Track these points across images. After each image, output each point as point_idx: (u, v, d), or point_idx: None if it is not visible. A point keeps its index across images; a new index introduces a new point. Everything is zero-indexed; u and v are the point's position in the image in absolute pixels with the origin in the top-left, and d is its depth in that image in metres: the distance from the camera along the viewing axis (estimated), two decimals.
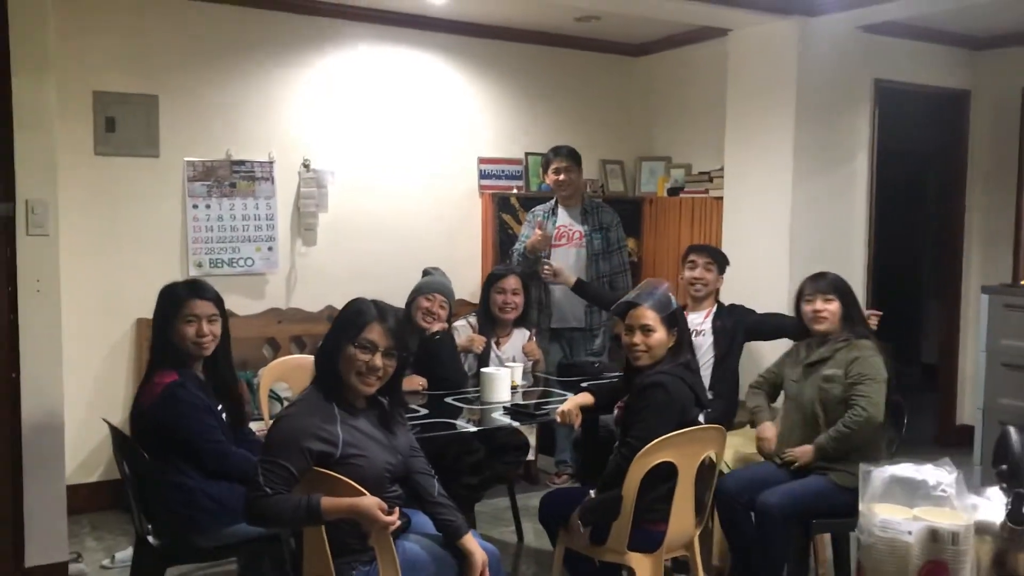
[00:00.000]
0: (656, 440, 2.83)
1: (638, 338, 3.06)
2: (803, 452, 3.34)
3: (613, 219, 5.05)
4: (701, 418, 3.05)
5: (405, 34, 5.38)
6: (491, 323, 4.33)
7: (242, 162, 4.91)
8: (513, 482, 4.45)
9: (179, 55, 4.76)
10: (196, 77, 4.80)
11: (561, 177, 4.97)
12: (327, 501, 2.38)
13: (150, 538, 3.00)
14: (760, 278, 5.11)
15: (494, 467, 3.99)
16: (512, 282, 4.33)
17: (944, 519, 1.33)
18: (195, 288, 3.10)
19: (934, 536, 1.31)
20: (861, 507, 1.39)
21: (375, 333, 2.58)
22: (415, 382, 3.87)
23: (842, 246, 5.28)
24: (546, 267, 4.68)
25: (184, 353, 3.02)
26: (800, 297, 3.55)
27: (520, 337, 4.39)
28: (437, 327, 3.99)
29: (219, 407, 3.06)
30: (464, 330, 4.33)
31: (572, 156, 5.02)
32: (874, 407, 3.23)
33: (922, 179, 6.64)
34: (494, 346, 4.30)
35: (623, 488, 2.87)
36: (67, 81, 4.35)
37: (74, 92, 4.45)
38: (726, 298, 5.20)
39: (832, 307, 3.43)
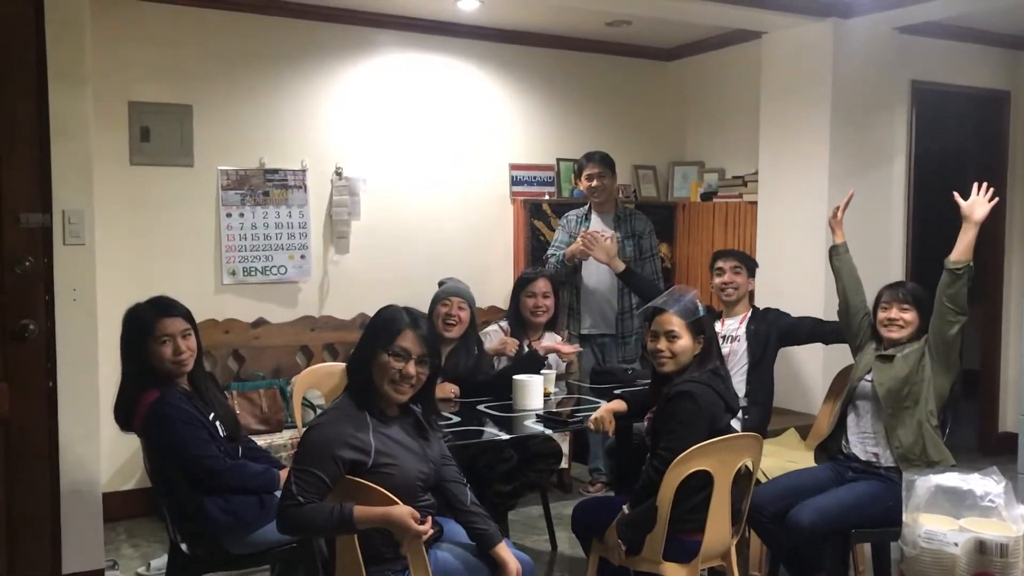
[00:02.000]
0: (690, 449, 2.79)
1: (663, 344, 3.03)
2: None
3: (646, 227, 5.01)
4: (736, 425, 3.00)
5: (436, 41, 5.39)
6: (522, 326, 4.32)
7: (275, 171, 4.94)
8: (546, 490, 4.42)
9: (212, 65, 4.80)
10: (229, 87, 4.84)
11: (594, 183, 4.94)
12: (359, 510, 2.37)
13: (183, 546, 3.01)
14: (795, 283, 5.05)
15: (526, 475, 3.97)
16: (542, 285, 4.31)
17: (992, 530, 1.29)
18: (162, 307, 3.02)
19: (981, 547, 1.27)
20: (905, 517, 1.34)
21: (408, 340, 2.57)
22: (447, 389, 3.86)
23: (879, 250, 5.20)
24: (598, 239, 4.62)
25: (163, 373, 2.97)
26: (877, 303, 3.50)
27: (551, 340, 4.37)
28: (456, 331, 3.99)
29: (211, 416, 3.03)
30: (496, 334, 4.32)
31: (605, 162, 4.99)
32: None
33: (961, 182, 6.50)
34: (527, 348, 4.28)
35: (658, 497, 2.83)
36: (103, 91, 4.40)
37: (110, 102, 4.50)
38: (761, 303, 5.14)
39: (908, 316, 3.38)
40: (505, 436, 3.31)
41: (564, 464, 4.95)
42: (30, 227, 3.47)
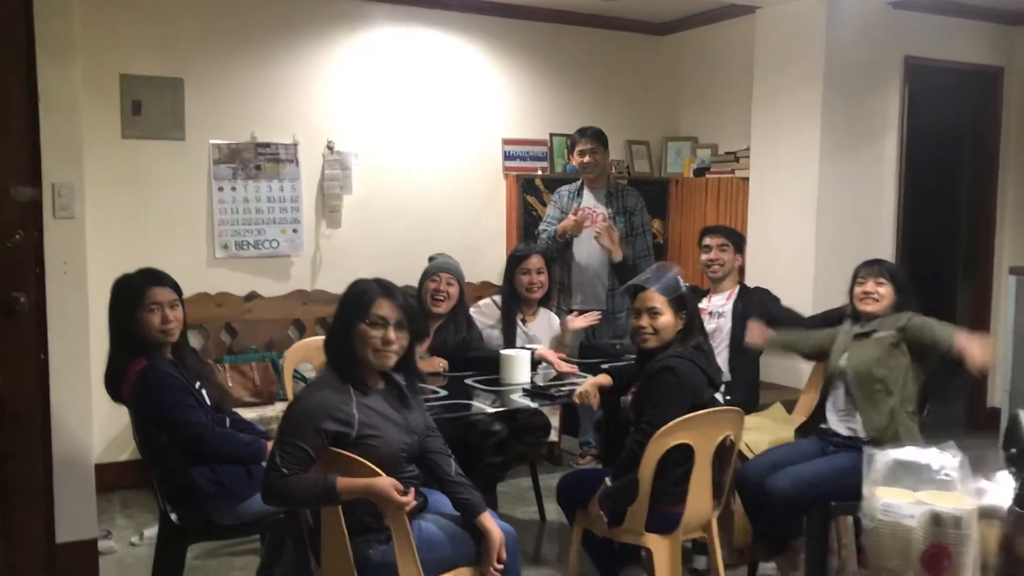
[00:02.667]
0: (672, 422, 2.82)
1: (645, 321, 3.07)
2: None
3: (638, 203, 5.03)
4: (719, 398, 3.04)
5: (429, 15, 5.37)
6: (516, 302, 4.34)
7: (267, 144, 4.95)
8: (535, 462, 4.47)
9: (204, 38, 4.79)
10: (221, 60, 4.84)
11: (586, 159, 4.95)
12: (343, 482, 2.40)
13: (172, 516, 3.05)
14: (786, 259, 5.08)
15: (516, 448, 4.01)
16: (535, 261, 4.32)
17: (948, 503, 1.32)
18: (152, 276, 3.08)
19: (937, 520, 1.30)
20: (864, 491, 1.38)
21: (384, 308, 2.60)
22: (436, 364, 3.89)
23: (870, 227, 5.22)
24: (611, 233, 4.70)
25: (150, 342, 3.01)
26: (853, 280, 3.52)
27: (545, 316, 4.40)
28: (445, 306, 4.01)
29: (197, 385, 3.07)
30: (489, 308, 4.34)
31: (598, 137, 4.99)
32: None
33: (955, 158, 6.52)
34: (520, 323, 4.31)
35: (640, 470, 2.87)
36: (94, 64, 4.41)
37: (101, 76, 4.50)
38: (751, 279, 5.16)
39: (883, 290, 3.41)
40: (491, 410, 3.34)
41: (554, 437, 5.00)
42: (20, 200, 3.47)
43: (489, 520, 2.67)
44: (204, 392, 3.11)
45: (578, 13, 5.73)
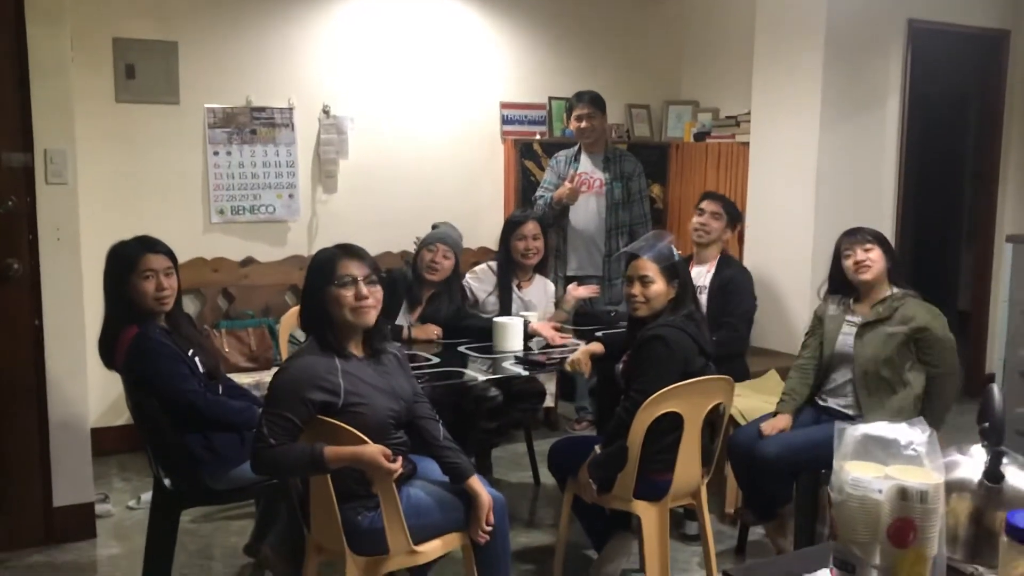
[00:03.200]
0: (661, 391, 2.83)
1: (636, 289, 3.07)
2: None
3: (636, 168, 4.99)
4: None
5: None
6: (512, 268, 4.33)
7: (262, 109, 4.92)
8: (530, 428, 4.49)
9: (198, 1, 4.74)
10: (215, 23, 4.80)
11: (583, 124, 4.91)
12: (330, 450, 2.41)
13: (166, 481, 3.08)
14: (785, 225, 5.05)
15: (510, 414, 4.04)
16: (531, 227, 4.30)
17: (916, 478, 1.32)
18: (147, 243, 3.09)
19: (903, 494, 1.30)
20: (835, 464, 1.38)
21: (350, 267, 2.59)
22: (430, 331, 3.90)
23: (871, 192, 5.18)
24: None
25: (144, 309, 3.02)
26: (838, 254, 3.46)
27: (541, 282, 4.39)
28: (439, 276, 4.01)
29: (190, 353, 3.08)
30: (485, 274, 4.33)
31: (595, 102, 4.95)
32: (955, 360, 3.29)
33: (958, 123, 6.47)
34: (516, 289, 4.31)
35: (628, 438, 2.88)
36: (87, 28, 4.38)
37: (94, 39, 4.47)
38: (750, 245, 5.15)
39: (873, 255, 3.34)
40: (483, 378, 3.35)
41: (550, 403, 5.01)
42: (12, 166, 3.48)
43: (478, 484, 2.68)
44: (197, 359, 3.12)
45: None
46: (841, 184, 5.04)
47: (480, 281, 4.32)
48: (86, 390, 3.71)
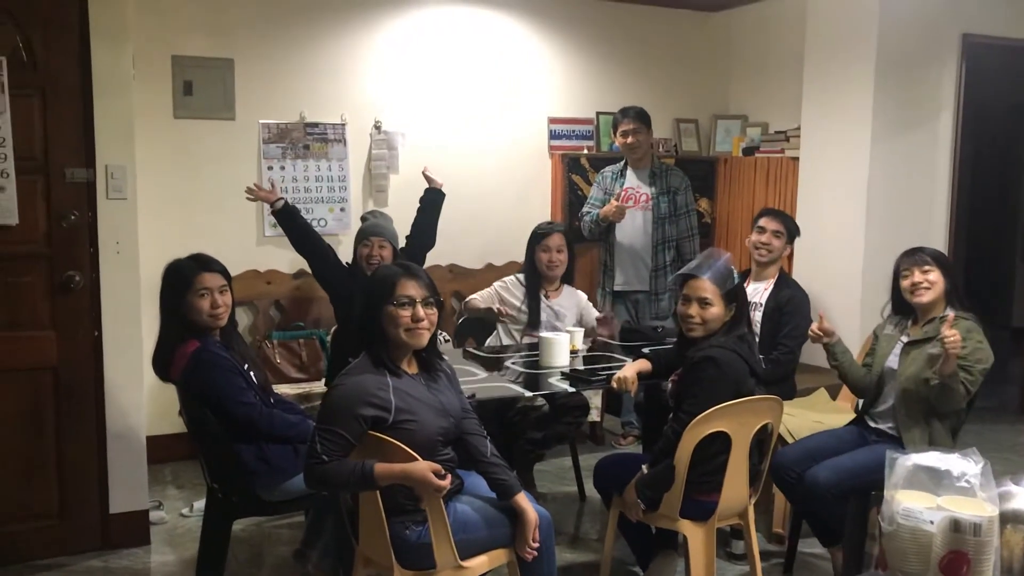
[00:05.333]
0: (710, 410, 2.82)
1: (694, 310, 3.03)
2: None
3: (682, 182, 4.99)
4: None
5: None
6: (538, 279, 4.37)
7: (315, 124, 5.01)
8: (575, 442, 4.50)
9: (254, 18, 4.85)
10: (270, 40, 4.90)
11: (630, 139, 4.92)
12: (380, 467, 2.45)
13: (218, 492, 3.15)
14: (835, 240, 5.01)
15: (555, 427, 4.05)
16: (556, 240, 4.35)
17: (969, 509, 1.31)
18: (202, 262, 3.18)
19: (956, 526, 1.29)
20: (885, 494, 1.37)
21: (409, 288, 2.63)
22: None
23: (923, 207, 5.11)
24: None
25: (200, 326, 3.10)
26: (897, 274, 3.42)
27: (569, 291, 4.44)
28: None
29: (245, 367, 3.16)
30: (514, 286, 4.38)
31: (641, 117, 4.96)
32: (966, 391, 3.15)
33: (1013, 138, 6.35)
34: (544, 298, 4.36)
35: (676, 457, 2.87)
36: (146, 46, 4.49)
37: (153, 57, 4.59)
38: (800, 261, 5.10)
39: (931, 277, 3.29)
40: (529, 393, 3.37)
41: (595, 417, 5.01)
42: (74, 182, 3.59)
43: (525, 501, 2.70)
44: (252, 373, 3.19)
45: None
46: (892, 199, 4.98)
47: (509, 292, 4.37)
48: (143, 400, 3.80)
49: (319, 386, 4.68)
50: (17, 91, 3.44)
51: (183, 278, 3.12)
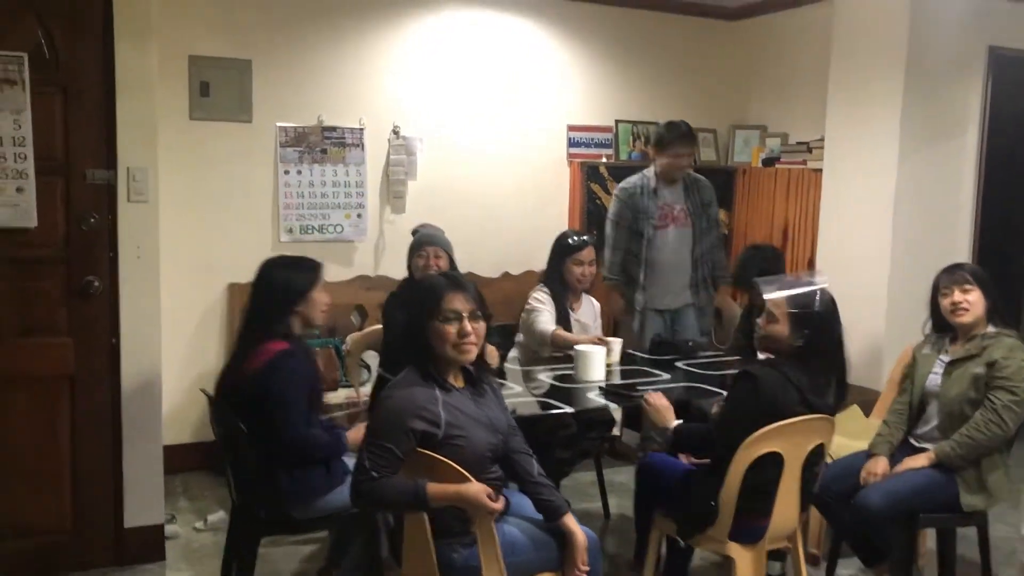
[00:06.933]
0: (761, 431, 2.72)
1: (762, 320, 2.92)
2: (920, 463, 3.18)
3: (711, 194, 4.87)
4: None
5: None
6: (564, 292, 4.26)
7: (333, 128, 4.89)
8: (600, 457, 4.40)
9: (272, 19, 4.74)
10: (289, 42, 4.79)
11: (683, 162, 4.73)
12: (434, 488, 2.35)
13: (244, 509, 3.03)
14: (859, 254, 4.91)
15: (581, 442, 3.95)
16: (589, 253, 4.24)
17: None
18: (319, 263, 3.17)
19: None
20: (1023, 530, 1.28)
21: (456, 302, 2.54)
22: (492, 355, 3.74)
23: (947, 224, 5.04)
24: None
25: (312, 323, 3.09)
26: (936, 292, 3.34)
27: (588, 301, 4.36)
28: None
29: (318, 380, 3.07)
30: (547, 300, 4.20)
31: (693, 138, 4.82)
32: (1013, 419, 3.08)
33: None
34: (570, 310, 4.27)
35: (726, 479, 2.77)
36: (163, 46, 4.31)
37: (170, 57, 4.46)
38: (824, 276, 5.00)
39: (972, 296, 3.22)
40: (570, 410, 3.26)
41: (616, 431, 4.91)
42: (95, 183, 3.47)
43: (573, 522, 2.61)
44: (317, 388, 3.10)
45: None
46: (919, 213, 4.90)
47: (544, 306, 4.22)
48: (160, 411, 3.68)
49: (334, 396, 4.57)
50: (39, 89, 3.31)
51: (307, 279, 3.05)
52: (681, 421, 3.11)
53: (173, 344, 4.51)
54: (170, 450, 4.39)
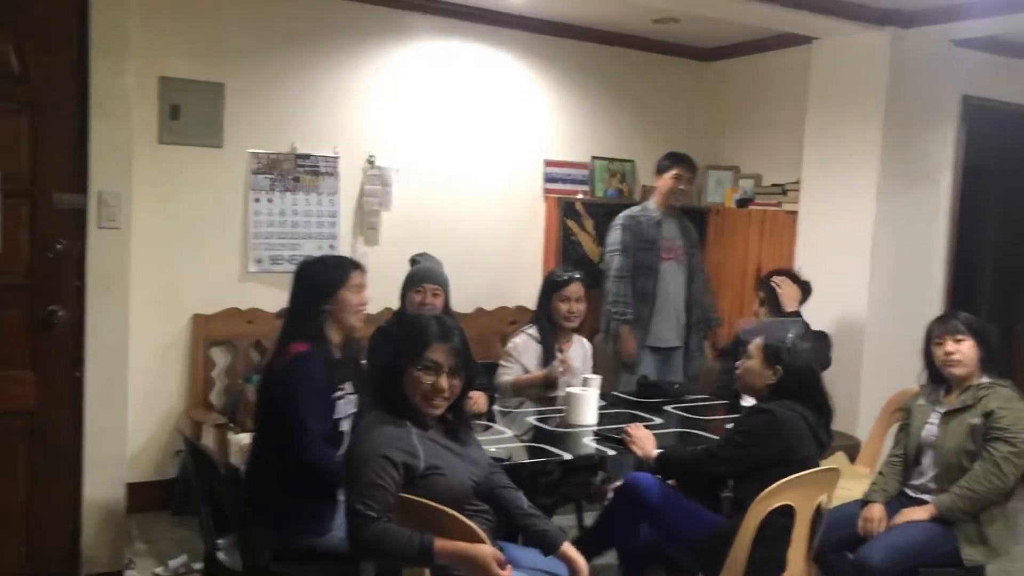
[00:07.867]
0: (778, 483, 2.64)
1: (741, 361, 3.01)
2: (920, 515, 3.13)
3: (696, 235, 4.89)
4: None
5: (475, 29, 5.18)
6: (552, 331, 4.11)
7: (307, 156, 4.74)
8: (581, 501, 4.27)
9: (247, 42, 4.58)
10: (263, 66, 4.63)
11: (683, 186, 4.75)
12: (441, 544, 2.23)
13: (220, 555, 2.83)
14: (836, 297, 4.90)
15: (563, 489, 3.82)
16: (576, 289, 4.08)
17: None
18: (352, 263, 3.00)
19: None
20: None
21: (438, 353, 2.44)
22: (479, 402, 3.59)
23: (922, 268, 5.08)
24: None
25: (347, 325, 2.91)
26: (929, 340, 3.31)
27: (579, 342, 4.21)
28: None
29: (344, 387, 2.88)
30: (526, 346, 4.05)
31: (694, 165, 4.84)
32: (1012, 471, 3.04)
33: (1015, 201, 6.32)
34: (558, 352, 4.11)
35: (738, 535, 2.67)
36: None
37: (140, 77, 4.22)
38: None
39: (964, 347, 3.20)
40: (568, 456, 3.13)
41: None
42: (62, 208, 3.27)
43: (572, 550, 2.52)
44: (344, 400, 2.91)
45: (628, 35, 5.56)
46: (893, 257, 4.93)
47: (523, 355, 4.06)
48: (125, 450, 3.47)
49: None
50: (4, 104, 3.12)
51: (340, 273, 2.91)
52: (663, 449, 3.09)
53: (133, 377, 4.26)
54: (127, 489, 4.17)
